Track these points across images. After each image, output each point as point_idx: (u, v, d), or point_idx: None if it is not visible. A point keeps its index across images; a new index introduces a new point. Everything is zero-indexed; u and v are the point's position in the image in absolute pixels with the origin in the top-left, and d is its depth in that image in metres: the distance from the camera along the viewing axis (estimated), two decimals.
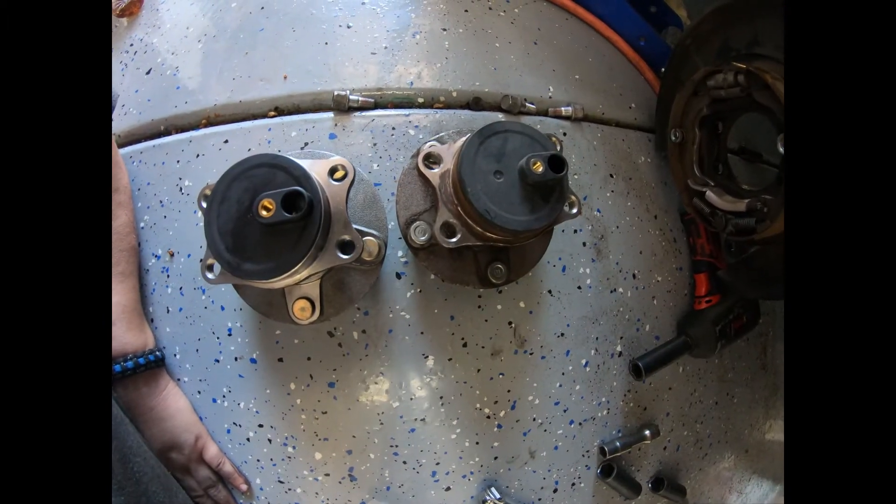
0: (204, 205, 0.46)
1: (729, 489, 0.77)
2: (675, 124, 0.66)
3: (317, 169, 0.44)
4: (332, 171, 0.45)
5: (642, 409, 0.66)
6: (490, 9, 0.68)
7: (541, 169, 0.45)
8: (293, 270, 0.41)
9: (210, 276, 0.46)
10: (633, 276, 0.65)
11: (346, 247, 0.44)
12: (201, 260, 0.45)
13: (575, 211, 0.51)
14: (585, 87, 0.68)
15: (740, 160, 0.75)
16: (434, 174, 0.49)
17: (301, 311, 0.50)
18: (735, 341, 0.68)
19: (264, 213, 0.40)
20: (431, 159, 0.51)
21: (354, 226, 0.47)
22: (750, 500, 0.78)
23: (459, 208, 0.47)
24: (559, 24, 0.71)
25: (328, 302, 0.51)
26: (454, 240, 0.48)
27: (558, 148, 0.51)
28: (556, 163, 0.45)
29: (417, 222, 0.52)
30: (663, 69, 0.71)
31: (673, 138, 0.66)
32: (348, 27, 0.63)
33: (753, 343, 0.76)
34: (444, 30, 0.64)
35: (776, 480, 0.78)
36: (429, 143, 0.54)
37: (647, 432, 0.65)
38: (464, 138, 0.49)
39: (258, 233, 0.42)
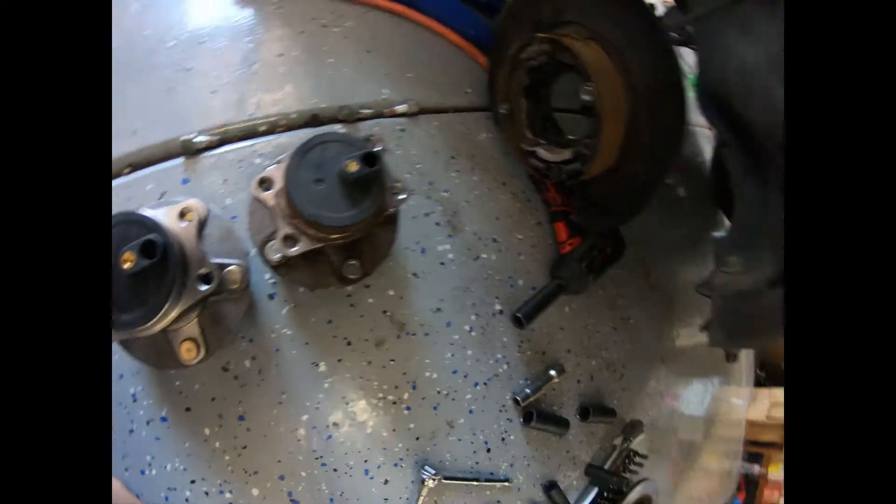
0: None
1: (662, 397, 0.81)
2: (502, 99, 0.74)
3: (169, 215, 0.50)
4: (182, 213, 0.51)
5: (541, 353, 0.71)
6: (324, 26, 0.74)
7: (356, 167, 0.51)
8: (163, 311, 0.46)
9: None
10: (493, 240, 0.72)
11: (205, 279, 0.50)
12: None
13: (403, 196, 0.58)
14: (419, 83, 0.75)
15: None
16: (269, 195, 0.55)
17: (188, 351, 0.55)
18: (606, 271, 0.75)
19: (127, 265, 0.45)
20: (265, 183, 0.56)
21: (215, 259, 0.53)
22: (690, 401, 0.82)
23: (296, 220, 0.53)
24: (390, 28, 0.78)
25: (209, 336, 0.56)
26: (296, 248, 0.54)
27: (377, 147, 0.58)
28: (370, 158, 0.52)
29: (271, 242, 0.57)
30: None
31: (502, 111, 0.74)
32: (187, 70, 0.68)
33: (635, 270, 0.83)
34: (280, 55, 0.70)
35: (705, 377, 0.83)
36: (268, 169, 0.60)
37: (553, 372, 0.70)
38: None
39: (125, 284, 0.46)
